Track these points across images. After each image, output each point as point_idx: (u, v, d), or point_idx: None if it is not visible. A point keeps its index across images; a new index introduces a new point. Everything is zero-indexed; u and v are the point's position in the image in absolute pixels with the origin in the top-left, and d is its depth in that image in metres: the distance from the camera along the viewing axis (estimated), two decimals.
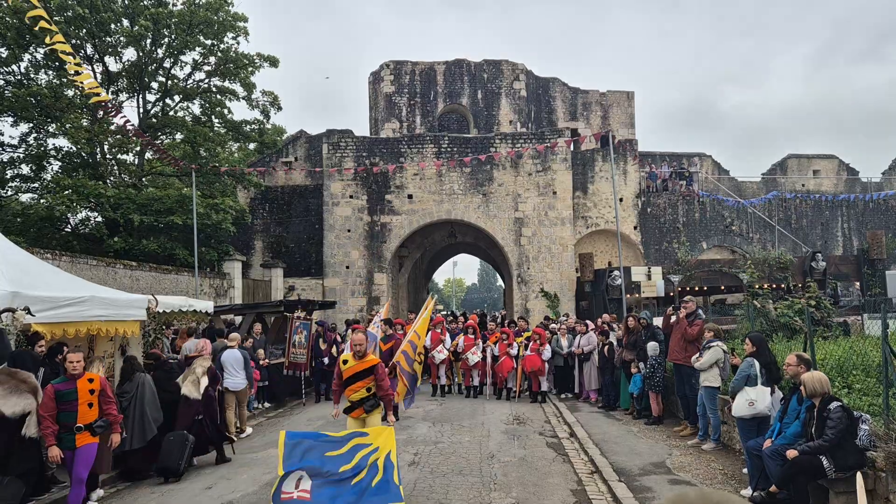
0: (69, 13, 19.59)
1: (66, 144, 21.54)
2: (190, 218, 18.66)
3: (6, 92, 19.70)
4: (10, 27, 18.94)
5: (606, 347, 13.53)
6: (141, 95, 22.85)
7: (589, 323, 15.37)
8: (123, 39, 21.41)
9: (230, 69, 23.11)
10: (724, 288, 21.94)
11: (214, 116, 24.29)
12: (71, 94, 20.60)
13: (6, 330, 6.96)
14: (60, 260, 13.62)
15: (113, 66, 22.26)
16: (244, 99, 24.10)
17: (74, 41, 19.74)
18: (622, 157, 25.94)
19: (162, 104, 23.42)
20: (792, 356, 7.10)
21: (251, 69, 23.54)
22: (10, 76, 20.26)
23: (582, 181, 25.56)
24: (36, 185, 21.52)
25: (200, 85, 23.75)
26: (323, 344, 15.55)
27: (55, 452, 6.59)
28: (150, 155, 24.00)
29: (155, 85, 23.02)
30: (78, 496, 6.79)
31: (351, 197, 23.61)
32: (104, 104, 16.01)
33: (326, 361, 15.21)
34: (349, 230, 23.53)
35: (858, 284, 22.38)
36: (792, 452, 6.22)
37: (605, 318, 15.16)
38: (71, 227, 22.09)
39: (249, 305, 18.59)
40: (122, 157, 23.83)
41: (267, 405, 14.39)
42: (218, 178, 22.86)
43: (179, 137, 24.74)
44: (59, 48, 11.28)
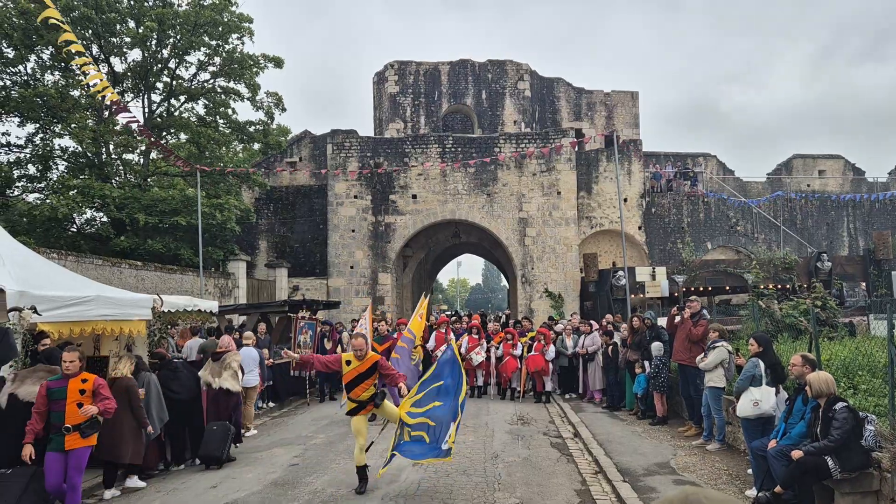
0: (75, 14, 19.68)
1: (71, 145, 21.65)
2: (194, 218, 18.71)
3: (13, 92, 19.80)
4: (16, 28, 19.04)
5: (611, 348, 13.52)
6: (146, 96, 22.92)
7: (593, 323, 15.35)
8: (129, 40, 21.48)
9: (235, 70, 23.16)
10: (728, 288, 21.91)
11: (219, 117, 24.34)
12: (77, 94, 20.68)
13: (13, 329, 6.99)
14: (66, 260, 13.68)
15: (118, 66, 22.36)
16: (249, 100, 24.16)
17: (81, 42, 19.80)
18: (626, 157, 25.90)
19: (167, 105, 23.49)
20: (797, 356, 7.08)
21: (256, 70, 23.59)
22: (16, 77, 20.36)
23: (586, 181, 25.54)
24: (42, 185, 21.60)
25: (205, 85, 23.81)
26: (328, 343, 15.57)
27: (27, 451, 6.34)
28: (155, 155, 24.08)
29: (160, 85, 23.09)
30: (74, 502, 6.62)
31: (355, 197, 23.64)
32: (112, 103, 16.07)
33: None
34: (353, 230, 23.56)
35: (864, 285, 22.34)
36: (797, 453, 6.21)
37: (609, 318, 15.14)
38: (77, 227, 22.17)
39: (254, 305, 18.64)
40: (127, 157, 23.92)
41: (271, 405, 14.42)
42: (223, 178, 22.92)
43: (184, 138, 24.82)
44: (73, 48, 11.32)
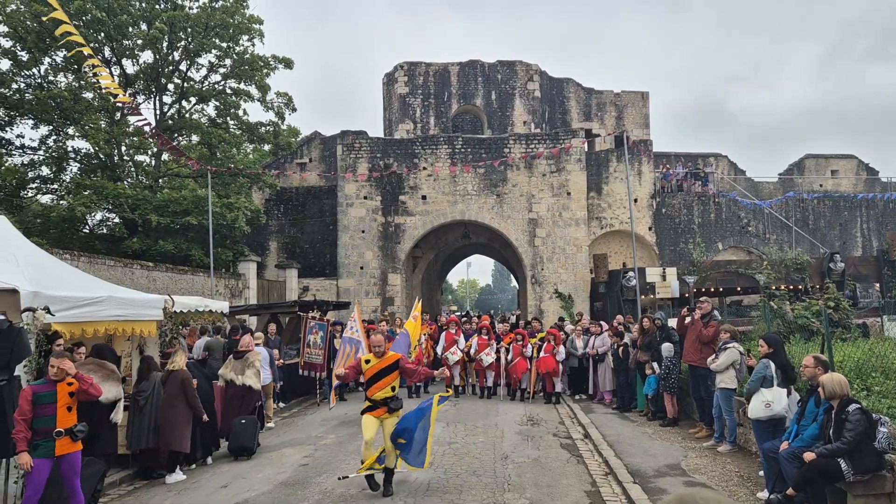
0: (87, 17, 19.84)
1: (84, 146, 21.85)
2: (205, 218, 18.80)
3: (27, 95, 19.98)
4: (30, 31, 19.21)
5: (621, 349, 13.47)
6: (157, 98, 23.08)
7: (603, 324, 15.31)
8: (140, 42, 21.64)
9: (245, 71, 23.28)
10: (740, 289, 21.79)
11: (230, 118, 24.47)
12: (90, 96, 20.85)
13: (27, 329, 7.05)
14: (79, 260, 13.79)
15: (130, 68, 22.53)
16: (259, 101, 24.28)
17: (93, 44, 19.96)
18: (637, 157, 25.82)
19: (178, 106, 23.63)
20: (809, 358, 7.03)
21: (266, 71, 23.70)
22: (30, 79, 20.54)
23: (596, 182, 25.48)
24: (56, 186, 21.79)
25: (216, 87, 23.94)
26: (338, 343, 15.56)
27: (26, 459, 6.07)
28: (166, 157, 24.24)
29: (171, 87, 23.24)
30: None
31: (365, 198, 23.69)
32: (123, 105, 16.19)
33: None
34: (363, 231, 23.61)
35: (878, 286, 22.13)
36: (809, 455, 6.17)
37: (619, 319, 15.09)
38: (89, 228, 22.34)
39: (264, 306, 18.70)
40: (139, 158, 24.11)
41: (282, 405, 14.46)
42: (233, 178, 23.04)
43: (195, 139, 24.97)
44: (81, 47, 11.42)
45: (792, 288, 19.35)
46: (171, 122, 23.09)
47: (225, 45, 22.93)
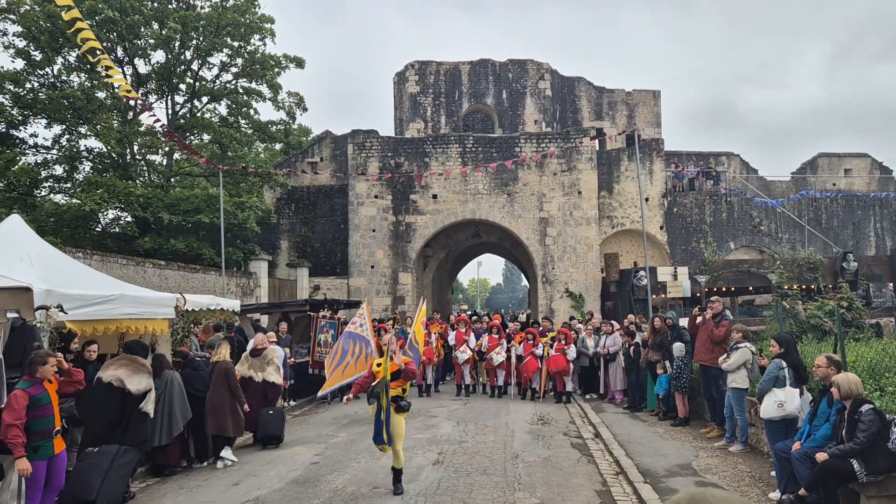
0: (100, 17, 19.97)
1: (97, 145, 21.99)
2: (216, 217, 18.88)
3: (40, 94, 20.14)
4: (43, 31, 19.37)
5: (632, 348, 13.43)
6: (169, 97, 23.21)
7: (614, 323, 15.26)
8: (152, 42, 21.76)
9: (257, 70, 23.36)
10: (752, 288, 21.64)
11: (241, 117, 24.57)
12: (102, 95, 20.99)
13: (40, 327, 7.12)
14: (92, 259, 13.89)
15: (142, 68, 22.66)
16: (270, 100, 24.35)
17: (105, 44, 20.10)
18: (648, 156, 25.70)
19: (190, 106, 23.75)
20: (822, 358, 6.98)
21: (277, 70, 23.78)
22: (44, 79, 20.70)
23: (607, 181, 25.39)
24: (69, 185, 21.95)
25: (227, 86, 24.05)
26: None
27: (26, 465, 6.02)
28: (178, 156, 24.37)
29: (183, 87, 23.36)
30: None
31: (376, 197, 23.72)
32: (136, 102, 16.29)
33: None
34: (374, 230, 23.64)
35: (892, 285, 21.93)
36: (822, 455, 6.12)
37: (630, 318, 15.04)
38: (102, 226, 22.50)
39: (275, 304, 18.76)
40: (150, 157, 24.24)
41: (292, 403, 14.52)
42: (245, 177, 23.14)
43: (207, 138, 25.09)
44: (89, 42, 11.49)
45: (804, 287, 19.20)
46: (182, 121, 23.22)
47: (236, 44, 23.01)
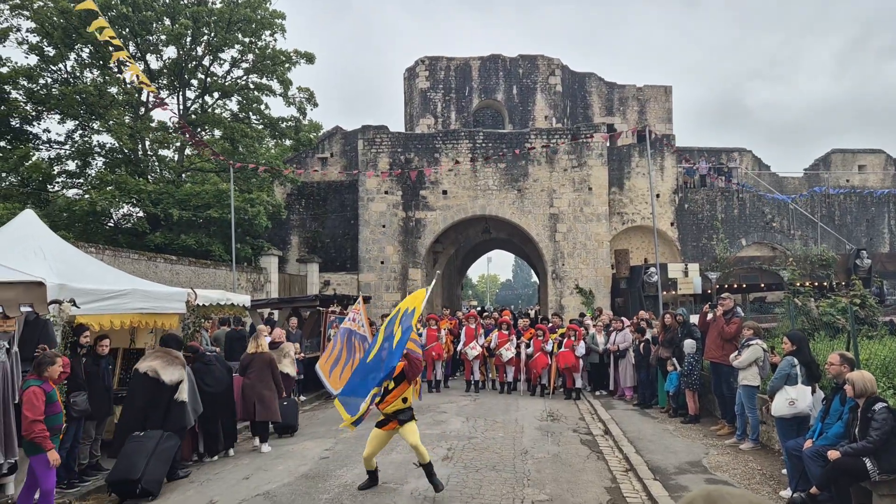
0: (113, 13, 20.07)
1: (109, 141, 22.12)
2: (226, 212, 18.94)
3: (53, 90, 20.28)
4: (56, 27, 19.48)
5: (642, 345, 13.38)
6: (181, 93, 23.31)
7: (625, 320, 15.21)
8: (164, 38, 21.86)
9: (267, 66, 23.42)
10: (763, 286, 21.52)
11: (252, 113, 24.65)
12: (114, 91, 21.10)
13: (53, 321, 7.18)
14: (104, 254, 13.98)
15: (154, 63, 22.77)
16: (281, 96, 24.43)
17: (118, 39, 20.21)
18: (659, 152, 25.57)
19: (201, 101, 23.85)
20: (835, 355, 6.93)
21: (288, 66, 23.83)
22: (57, 74, 20.84)
23: (618, 177, 25.28)
24: (81, 180, 22.11)
25: (238, 82, 24.12)
26: None
27: (56, 456, 6.25)
28: (189, 151, 24.48)
29: (194, 82, 23.46)
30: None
31: (386, 192, 23.73)
32: (149, 98, 16.37)
33: None
34: (384, 226, 23.66)
35: None
36: (834, 453, 6.08)
37: (641, 314, 14.99)
38: (114, 222, 22.66)
39: (285, 300, 18.82)
40: (162, 153, 24.37)
41: (302, 398, 14.57)
42: (255, 173, 23.23)
43: (218, 134, 25.20)
44: (105, 33, 11.57)
45: (817, 285, 19.06)
46: (194, 116, 23.32)
47: (247, 39, 23.09)
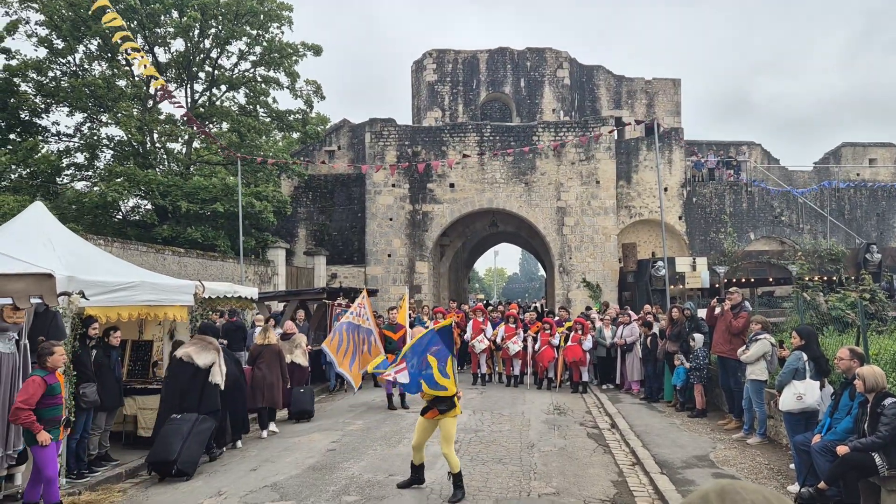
0: (121, 5, 20.08)
1: (117, 133, 22.19)
2: (233, 206, 18.97)
3: (62, 82, 20.33)
4: (65, 19, 19.52)
5: (649, 339, 13.36)
6: (188, 86, 23.33)
7: (632, 314, 15.17)
8: (172, 30, 21.87)
9: (275, 58, 23.40)
10: (772, 280, 21.39)
11: (259, 106, 24.66)
12: (123, 83, 21.14)
13: (62, 312, 7.22)
14: (112, 246, 14.04)
15: (162, 56, 22.78)
16: (288, 88, 24.40)
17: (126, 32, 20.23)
18: (667, 145, 25.45)
19: (208, 94, 23.86)
20: (844, 350, 6.89)
21: (295, 58, 23.80)
22: (65, 67, 20.90)
23: (626, 170, 25.19)
24: (90, 173, 22.18)
25: (246, 75, 24.12)
26: None
27: (47, 436, 6.16)
28: (197, 144, 24.53)
29: (202, 75, 23.47)
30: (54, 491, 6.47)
31: (393, 186, 23.72)
32: (158, 89, 16.39)
33: None
34: (391, 219, 23.66)
35: None
36: (843, 449, 6.06)
37: (648, 308, 14.95)
38: (122, 214, 22.75)
39: (293, 292, 18.86)
40: (170, 146, 24.42)
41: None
42: (263, 167, 23.26)
43: (226, 127, 25.24)
44: (117, 24, 11.58)
45: (826, 279, 18.95)
46: (202, 109, 23.34)
47: (255, 32, 23.07)
